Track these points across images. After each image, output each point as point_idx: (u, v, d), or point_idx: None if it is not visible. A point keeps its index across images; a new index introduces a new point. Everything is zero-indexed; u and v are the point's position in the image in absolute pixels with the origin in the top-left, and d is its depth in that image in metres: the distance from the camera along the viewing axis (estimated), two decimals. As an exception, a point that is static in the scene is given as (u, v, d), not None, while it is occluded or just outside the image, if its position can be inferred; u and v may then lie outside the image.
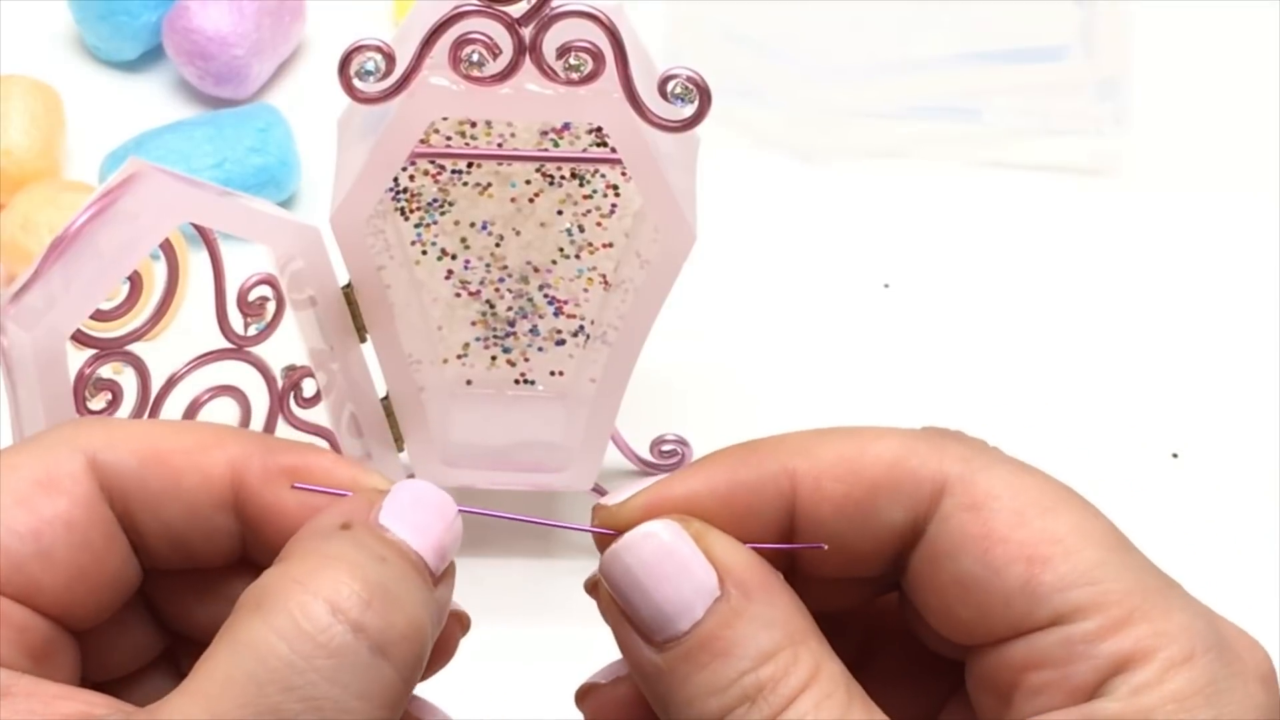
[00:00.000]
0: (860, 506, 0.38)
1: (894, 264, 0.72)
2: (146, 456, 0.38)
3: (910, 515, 0.38)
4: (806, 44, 0.76)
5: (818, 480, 0.39)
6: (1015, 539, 0.37)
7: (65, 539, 0.37)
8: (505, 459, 0.60)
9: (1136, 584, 0.37)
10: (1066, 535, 0.37)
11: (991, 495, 0.38)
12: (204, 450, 0.39)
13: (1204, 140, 0.77)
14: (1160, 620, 0.37)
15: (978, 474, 0.38)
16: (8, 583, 0.37)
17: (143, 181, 0.51)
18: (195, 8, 0.74)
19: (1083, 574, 0.37)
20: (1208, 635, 0.37)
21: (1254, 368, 0.69)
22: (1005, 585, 0.37)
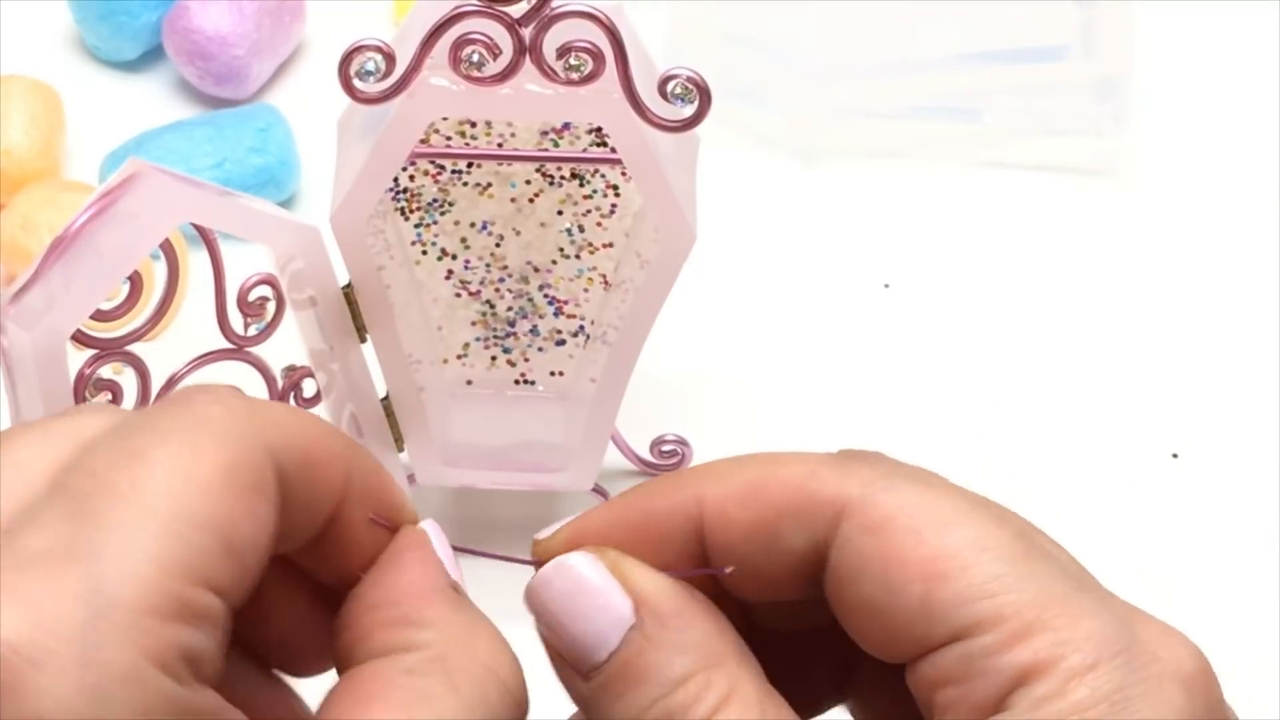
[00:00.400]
0: (764, 532, 0.38)
1: (894, 264, 0.72)
2: (307, 461, 0.36)
3: (811, 540, 0.38)
4: (806, 44, 0.76)
5: (724, 506, 0.39)
6: (912, 558, 0.37)
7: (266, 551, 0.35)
8: (505, 459, 0.60)
9: (1038, 594, 0.36)
10: (963, 550, 0.37)
11: (889, 516, 0.37)
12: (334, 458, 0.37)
13: (1204, 141, 0.77)
14: (1064, 629, 0.36)
15: (878, 495, 0.38)
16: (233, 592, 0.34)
17: (143, 181, 0.51)
18: (195, 8, 0.74)
19: (979, 587, 0.36)
20: (1116, 640, 0.36)
21: (1254, 368, 0.69)
22: (905, 605, 0.37)
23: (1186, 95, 0.79)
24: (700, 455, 0.64)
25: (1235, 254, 0.73)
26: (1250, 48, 0.80)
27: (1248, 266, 0.72)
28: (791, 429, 0.66)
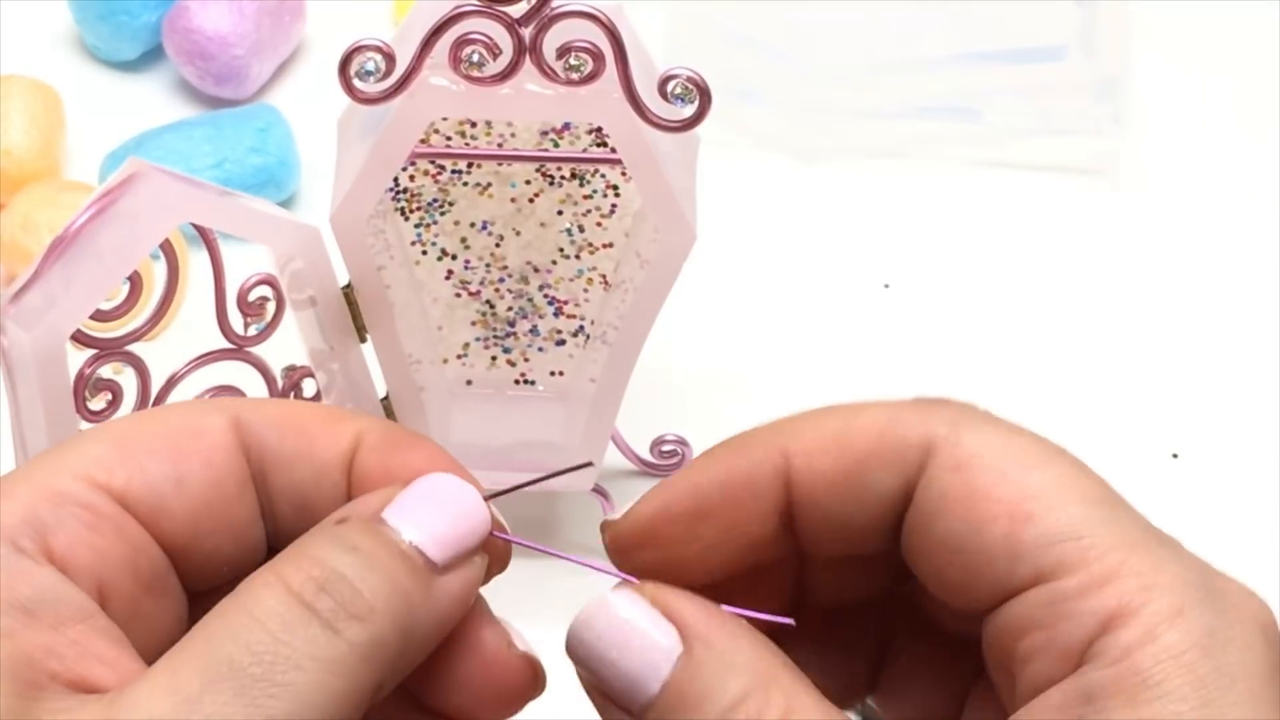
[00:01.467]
0: (851, 478, 0.38)
1: (894, 264, 0.72)
2: (286, 421, 0.40)
3: (900, 481, 0.38)
4: (806, 44, 0.76)
5: (809, 457, 0.39)
6: (997, 496, 0.37)
7: (198, 472, 0.39)
8: (505, 459, 0.60)
9: (1122, 538, 0.36)
10: (1049, 490, 0.36)
11: (975, 454, 0.37)
12: (338, 420, 0.40)
13: (1203, 140, 0.77)
14: (1148, 574, 0.35)
15: (963, 435, 0.38)
16: (138, 499, 0.38)
17: (143, 181, 0.51)
18: (195, 8, 0.74)
19: (1065, 529, 0.36)
20: (1199, 586, 0.36)
21: (1254, 368, 0.69)
22: (989, 543, 0.36)
23: (1186, 95, 0.79)
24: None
25: (1235, 254, 0.73)
26: (1250, 48, 0.80)
27: (1247, 266, 0.72)
28: (791, 429, 0.66)
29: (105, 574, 0.37)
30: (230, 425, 0.39)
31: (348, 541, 0.37)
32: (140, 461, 0.38)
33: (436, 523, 0.38)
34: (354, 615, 0.36)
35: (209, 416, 0.39)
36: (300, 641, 0.35)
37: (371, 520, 0.37)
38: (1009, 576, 0.36)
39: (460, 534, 0.38)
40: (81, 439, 0.39)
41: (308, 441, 0.40)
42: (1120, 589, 0.35)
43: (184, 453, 0.39)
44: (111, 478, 0.38)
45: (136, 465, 0.38)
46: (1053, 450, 0.38)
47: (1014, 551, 0.36)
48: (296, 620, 0.35)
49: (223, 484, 0.39)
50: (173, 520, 0.39)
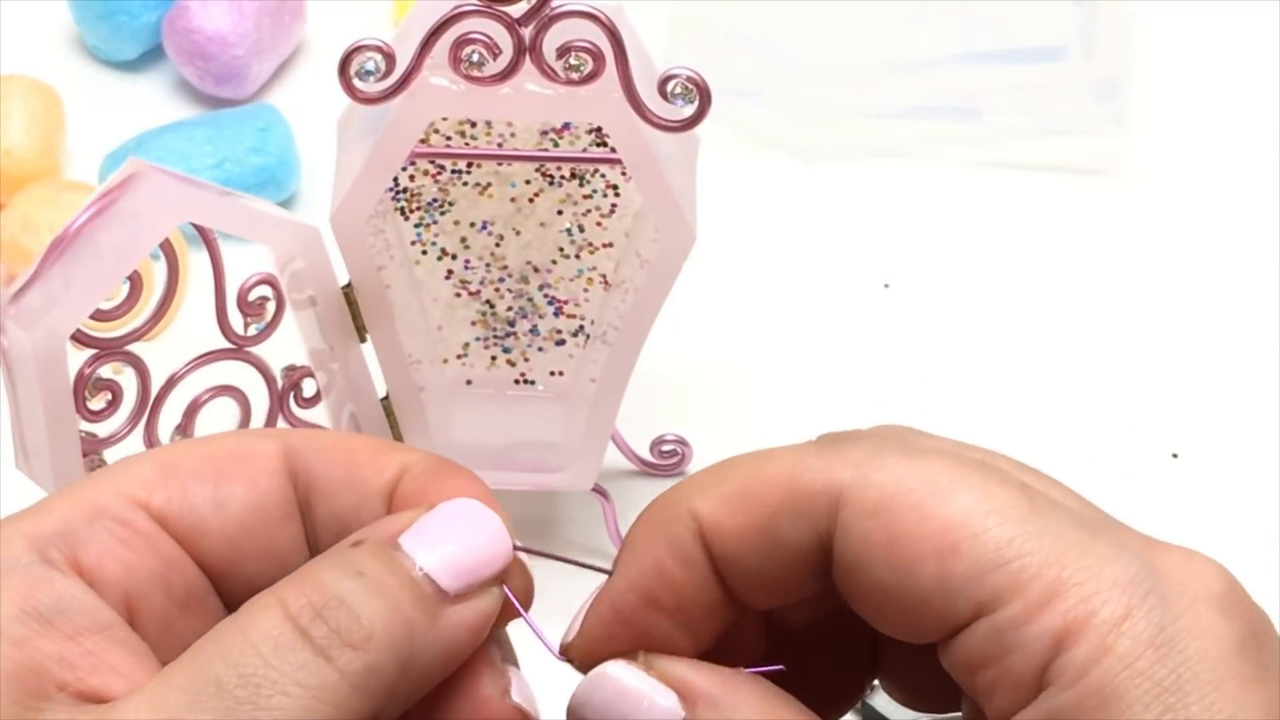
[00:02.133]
0: (763, 534, 0.38)
1: (894, 264, 0.72)
2: (335, 449, 0.40)
3: (812, 533, 0.37)
4: (806, 44, 0.76)
5: (717, 516, 0.38)
6: (918, 535, 0.36)
7: (244, 496, 0.39)
8: (505, 459, 0.60)
9: (1054, 550, 0.35)
10: (970, 517, 0.35)
11: (887, 495, 0.36)
12: (386, 450, 0.40)
13: (1204, 140, 0.77)
14: (1088, 581, 0.35)
15: (871, 476, 0.37)
16: (177, 519, 0.38)
17: (143, 181, 0.51)
18: (195, 8, 0.74)
19: (994, 555, 0.35)
20: (1142, 580, 0.35)
21: (1254, 368, 0.69)
22: (921, 586, 0.36)
23: (1186, 95, 0.79)
24: (700, 455, 0.64)
25: (1235, 254, 0.73)
26: (1250, 48, 0.80)
27: (1247, 266, 0.72)
28: (792, 428, 0.66)
29: (134, 588, 0.38)
30: (280, 452, 0.39)
31: (355, 566, 0.37)
32: (183, 482, 0.39)
33: (453, 548, 0.37)
34: (348, 643, 0.35)
35: (260, 442, 0.40)
36: (289, 667, 0.35)
37: (386, 544, 0.37)
38: (947, 615, 0.36)
39: (477, 562, 0.38)
40: (132, 460, 0.40)
41: (354, 470, 0.40)
42: (1063, 606, 0.35)
43: (228, 476, 0.39)
44: (152, 496, 0.38)
45: (178, 485, 0.39)
46: (965, 467, 0.37)
47: (947, 589, 0.35)
48: (289, 645, 0.35)
49: (264, 509, 0.39)
50: (211, 541, 0.39)
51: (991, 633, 0.35)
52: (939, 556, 0.36)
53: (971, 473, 0.37)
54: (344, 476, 0.39)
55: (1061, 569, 0.35)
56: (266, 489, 0.39)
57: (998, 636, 0.35)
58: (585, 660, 0.39)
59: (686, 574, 0.38)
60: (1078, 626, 0.34)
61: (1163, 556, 0.36)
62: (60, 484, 0.51)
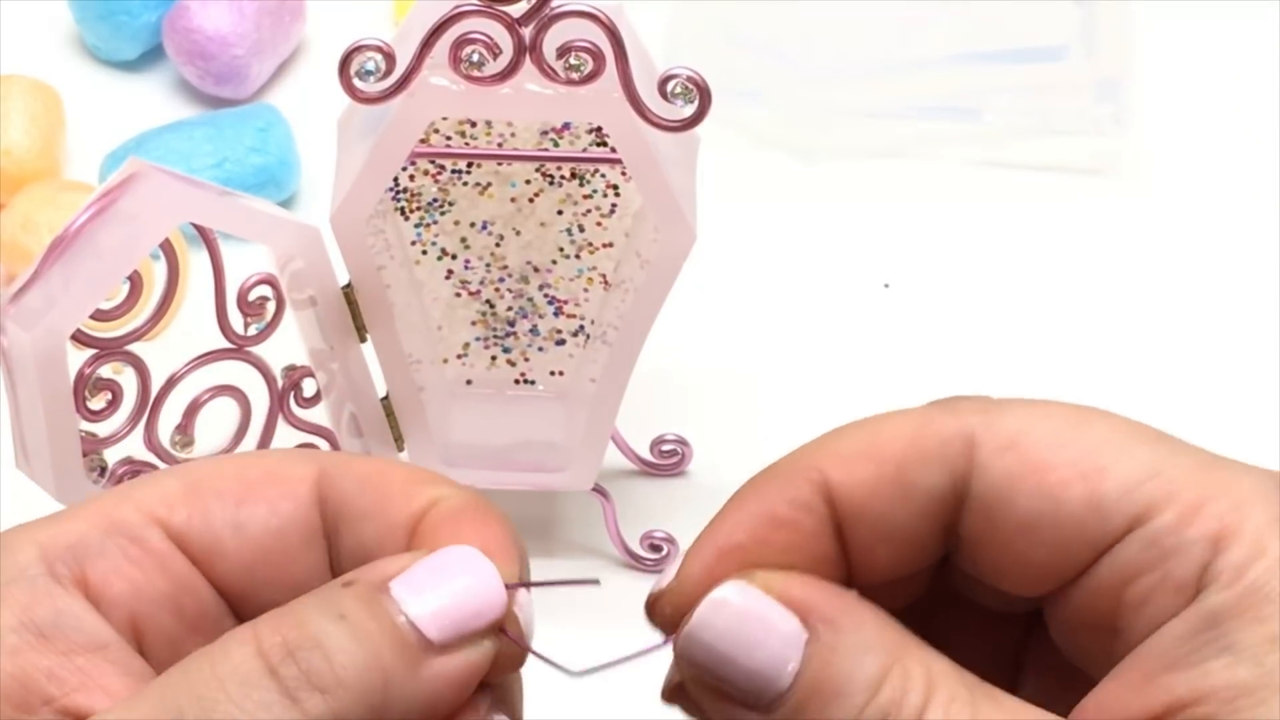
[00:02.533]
0: (895, 483, 0.37)
1: (894, 264, 0.72)
2: (369, 477, 0.39)
3: (947, 477, 0.37)
4: (806, 44, 0.76)
5: (846, 469, 0.37)
6: (1062, 461, 0.36)
7: (264, 520, 0.38)
8: (505, 459, 0.60)
9: (1193, 466, 0.36)
10: (1109, 442, 0.36)
11: (1020, 431, 0.37)
12: (421, 482, 0.39)
13: (1204, 140, 0.77)
14: (1232, 491, 0.36)
15: (999, 418, 0.37)
16: (195, 539, 0.38)
17: (143, 181, 0.51)
18: (195, 8, 0.74)
19: (1143, 470, 0.36)
20: (1277, 491, 0.36)
21: (1254, 368, 0.69)
22: (1072, 509, 0.36)
23: (1186, 95, 0.79)
24: (700, 455, 0.64)
25: (1235, 254, 0.73)
26: (1250, 48, 0.80)
27: (1248, 266, 0.72)
28: (792, 428, 0.65)
29: (141, 608, 0.37)
30: (313, 476, 0.39)
31: (338, 608, 0.36)
32: (205, 501, 0.38)
33: (443, 598, 0.36)
34: (317, 686, 0.35)
35: (294, 465, 0.39)
36: (252, 705, 0.34)
37: (376, 587, 0.36)
38: (1102, 533, 0.36)
39: (465, 613, 0.36)
40: (162, 474, 0.39)
41: (384, 499, 0.39)
42: (1216, 510, 0.35)
43: (252, 498, 0.38)
44: (172, 514, 0.38)
45: (200, 505, 0.38)
46: (1088, 410, 0.38)
47: (1100, 507, 0.36)
48: (255, 682, 0.34)
49: (285, 534, 0.38)
50: (227, 564, 0.38)
51: (1148, 542, 0.36)
52: (1086, 479, 0.36)
53: (1090, 411, 0.38)
54: (373, 505, 0.39)
55: (1206, 481, 0.36)
56: (290, 514, 0.38)
57: (1155, 544, 0.36)
58: (678, 610, 0.37)
59: (802, 519, 0.37)
60: (1232, 530, 0.35)
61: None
62: (60, 484, 0.51)
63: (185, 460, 0.55)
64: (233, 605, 0.39)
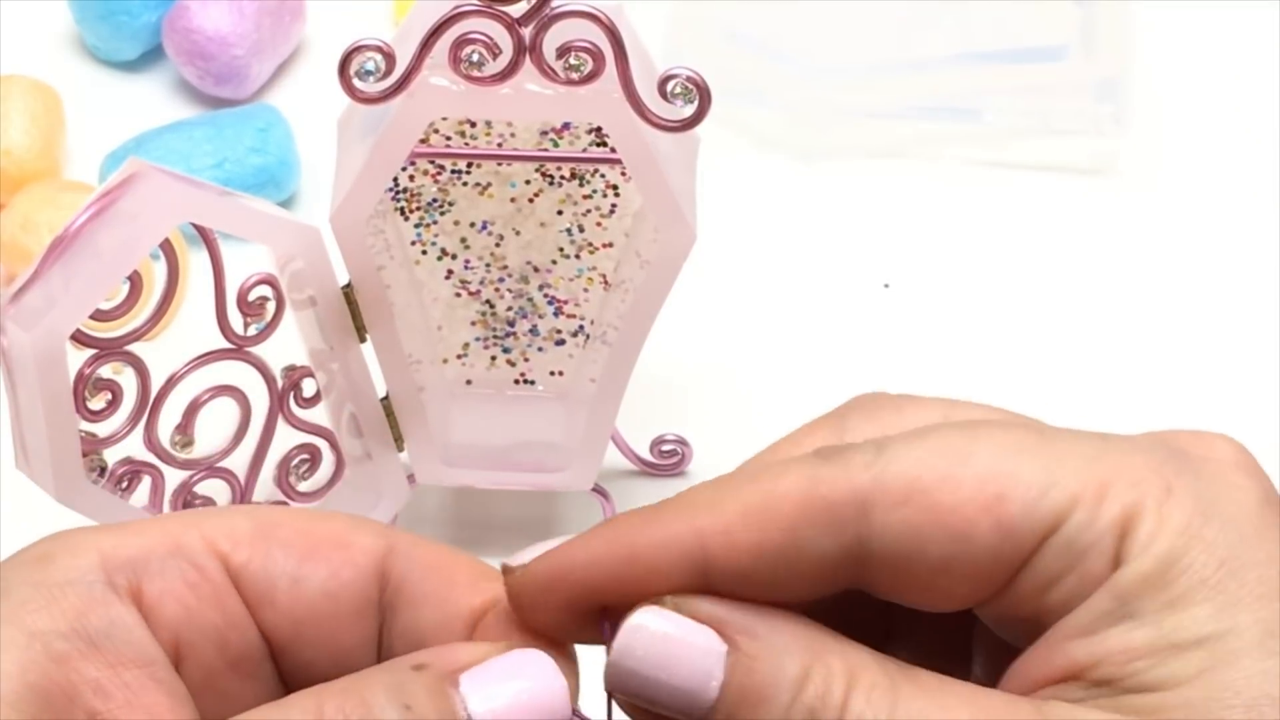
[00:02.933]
0: (782, 550, 0.37)
1: (894, 264, 0.72)
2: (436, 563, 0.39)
3: (839, 541, 0.37)
4: (806, 44, 0.76)
5: (729, 534, 0.37)
6: (962, 499, 0.37)
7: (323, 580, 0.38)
8: (505, 459, 0.60)
9: (1084, 460, 0.37)
10: (1000, 462, 0.37)
11: (911, 479, 0.37)
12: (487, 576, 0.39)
13: (1204, 140, 0.77)
14: (1126, 471, 0.36)
15: (888, 467, 0.37)
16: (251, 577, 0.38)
17: (143, 181, 0.51)
18: (195, 8, 0.74)
19: (1039, 484, 0.36)
20: (1168, 460, 0.37)
21: (1254, 367, 0.69)
22: (983, 543, 0.36)
23: (1186, 95, 0.79)
24: (700, 455, 0.64)
25: (1235, 253, 0.73)
26: (1250, 48, 0.80)
27: (1248, 266, 0.72)
28: (791, 428, 0.66)
29: (187, 635, 0.38)
30: (380, 550, 0.39)
31: (405, 696, 0.36)
32: (269, 548, 0.38)
33: (508, 701, 0.37)
34: None
35: (363, 534, 0.39)
36: None
37: (446, 678, 0.37)
38: (1015, 551, 0.37)
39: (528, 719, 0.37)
40: (234, 510, 0.40)
41: (449, 589, 0.39)
42: (1116, 496, 0.36)
43: (317, 556, 0.38)
44: (235, 551, 0.38)
45: (264, 549, 0.38)
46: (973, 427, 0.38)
47: (1010, 533, 0.36)
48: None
49: (339, 600, 0.39)
50: (277, 615, 0.38)
51: (1060, 547, 0.36)
52: (989, 510, 0.36)
53: (977, 429, 0.38)
54: (436, 592, 0.39)
55: (1100, 471, 0.37)
56: (349, 581, 0.39)
57: (1068, 547, 0.36)
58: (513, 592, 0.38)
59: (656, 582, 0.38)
60: (1135, 511, 0.36)
61: (1176, 438, 0.38)
62: (60, 484, 0.51)
63: (186, 459, 0.55)
64: (274, 652, 0.39)
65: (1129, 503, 0.36)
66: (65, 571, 0.37)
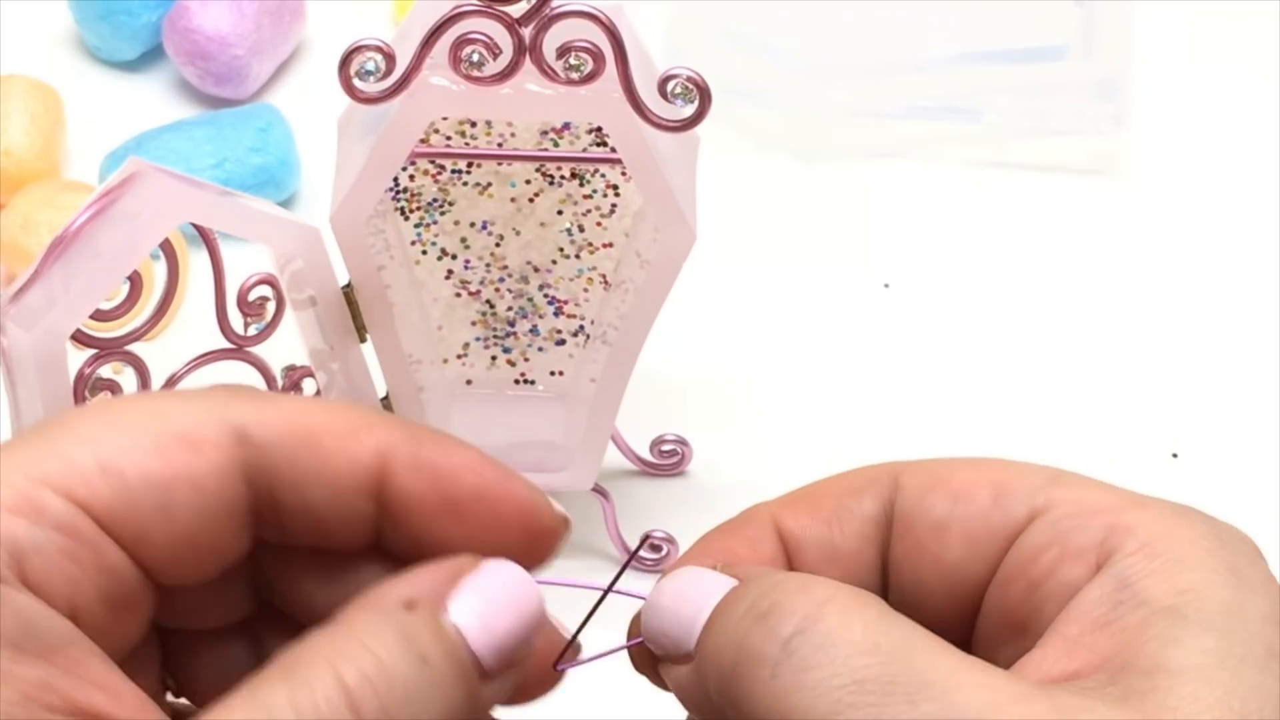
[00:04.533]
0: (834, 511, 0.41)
1: (894, 264, 0.72)
2: (298, 436, 0.37)
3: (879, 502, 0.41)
4: (806, 44, 0.76)
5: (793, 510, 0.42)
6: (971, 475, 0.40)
7: (189, 501, 0.36)
8: (505, 459, 0.59)
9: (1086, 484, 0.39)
10: (1013, 467, 0.40)
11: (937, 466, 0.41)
12: (354, 434, 0.38)
13: (1203, 140, 0.77)
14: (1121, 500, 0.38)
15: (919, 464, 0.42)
16: (121, 525, 0.36)
17: (143, 181, 0.51)
18: (195, 8, 0.74)
19: (1040, 480, 0.39)
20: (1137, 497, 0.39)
21: (1254, 367, 0.69)
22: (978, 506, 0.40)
23: (1186, 95, 0.79)
24: (700, 455, 0.64)
25: (1235, 253, 0.73)
26: (1250, 48, 0.80)
27: (1247, 266, 0.72)
28: (791, 428, 0.66)
29: (78, 600, 0.36)
30: (232, 441, 0.37)
31: (416, 645, 0.35)
32: (128, 483, 0.36)
33: (502, 630, 0.36)
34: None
35: (209, 425, 0.37)
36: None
37: (438, 611, 0.36)
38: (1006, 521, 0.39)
39: (518, 642, 0.37)
40: (63, 438, 0.36)
41: (322, 461, 0.37)
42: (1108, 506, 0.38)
43: (176, 477, 0.36)
44: (94, 497, 0.36)
45: (123, 487, 0.36)
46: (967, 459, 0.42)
47: (1003, 503, 0.39)
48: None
49: (214, 516, 0.37)
50: (154, 549, 0.37)
51: (1048, 524, 0.39)
52: (991, 483, 0.40)
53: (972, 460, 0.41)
54: (310, 468, 0.37)
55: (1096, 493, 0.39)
56: (216, 493, 0.37)
57: (1055, 525, 0.38)
58: None
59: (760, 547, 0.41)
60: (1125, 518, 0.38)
61: None
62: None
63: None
64: (155, 581, 0.37)
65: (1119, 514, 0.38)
66: None
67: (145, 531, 0.36)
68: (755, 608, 0.37)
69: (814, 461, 0.64)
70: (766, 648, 0.36)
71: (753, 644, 0.36)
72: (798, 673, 0.35)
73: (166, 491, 0.36)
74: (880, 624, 0.36)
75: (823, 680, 0.35)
